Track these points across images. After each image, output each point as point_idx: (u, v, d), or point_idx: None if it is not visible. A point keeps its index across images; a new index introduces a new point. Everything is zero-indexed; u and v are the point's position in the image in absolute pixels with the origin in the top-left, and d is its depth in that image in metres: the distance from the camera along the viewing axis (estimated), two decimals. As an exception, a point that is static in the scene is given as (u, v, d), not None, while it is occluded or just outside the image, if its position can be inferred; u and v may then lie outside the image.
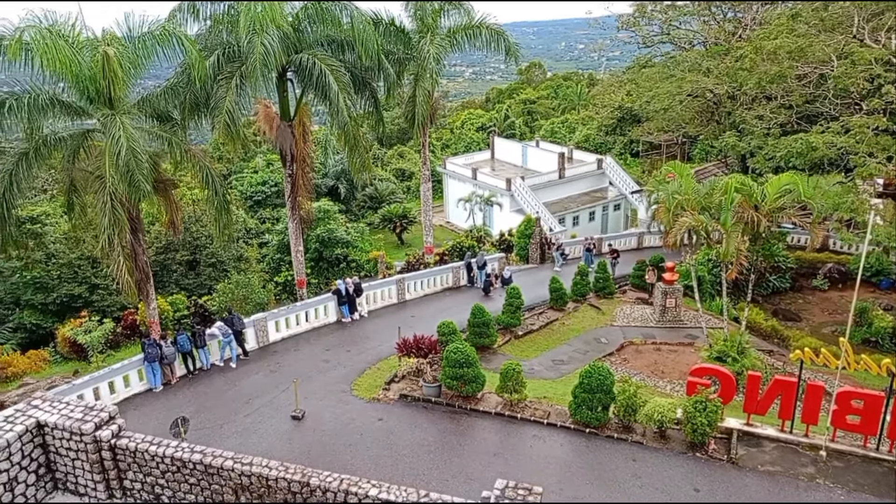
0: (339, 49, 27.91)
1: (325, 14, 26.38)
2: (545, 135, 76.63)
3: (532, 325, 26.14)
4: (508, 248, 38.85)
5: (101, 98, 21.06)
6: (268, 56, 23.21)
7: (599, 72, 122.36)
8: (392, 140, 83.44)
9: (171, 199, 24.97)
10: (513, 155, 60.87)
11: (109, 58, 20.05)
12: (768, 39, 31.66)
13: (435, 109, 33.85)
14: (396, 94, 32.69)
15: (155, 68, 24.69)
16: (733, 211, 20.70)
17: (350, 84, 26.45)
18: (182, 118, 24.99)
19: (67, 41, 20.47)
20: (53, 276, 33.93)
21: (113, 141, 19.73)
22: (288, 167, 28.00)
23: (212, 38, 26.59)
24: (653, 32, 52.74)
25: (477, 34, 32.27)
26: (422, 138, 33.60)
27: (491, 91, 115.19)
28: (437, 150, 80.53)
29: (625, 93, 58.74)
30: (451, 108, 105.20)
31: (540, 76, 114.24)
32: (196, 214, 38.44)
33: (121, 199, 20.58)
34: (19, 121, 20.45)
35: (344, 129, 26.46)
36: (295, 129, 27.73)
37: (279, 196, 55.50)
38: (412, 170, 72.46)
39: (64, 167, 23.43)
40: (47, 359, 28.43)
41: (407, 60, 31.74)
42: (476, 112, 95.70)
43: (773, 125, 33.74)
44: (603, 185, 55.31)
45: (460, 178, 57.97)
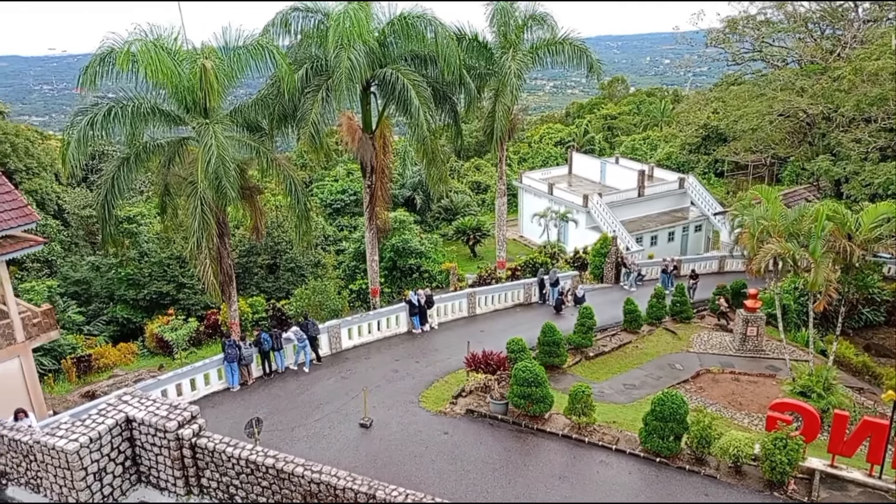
0: (421, 64, 28.39)
1: (411, 30, 26.87)
2: (625, 151, 75.19)
3: (604, 346, 25.64)
4: (583, 267, 38.30)
5: (197, 107, 22.23)
6: (353, 70, 23.88)
7: (685, 88, 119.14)
8: (469, 152, 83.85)
9: (255, 205, 26.01)
10: (591, 171, 60.03)
11: (207, 70, 21.13)
12: (869, 60, 30.09)
13: (514, 125, 33.87)
14: (476, 108, 32.94)
15: (247, 79, 25.87)
16: (824, 239, 19.71)
17: (431, 98, 26.86)
18: (270, 128, 26.05)
19: (170, 53, 21.69)
20: (145, 273, 35.91)
21: (205, 149, 20.75)
22: (367, 178, 28.64)
23: (301, 52, 27.61)
24: (743, 49, 51.04)
25: (560, 50, 32.16)
26: (499, 153, 33.67)
27: (571, 105, 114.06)
28: (514, 163, 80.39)
29: (711, 111, 56.97)
30: (529, 122, 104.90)
31: (622, 91, 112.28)
32: (278, 220, 39.83)
33: (209, 203, 21.58)
34: (123, 127, 21.82)
35: (423, 142, 26.91)
36: (376, 141, 28.35)
37: (357, 205, 56.76)
38: (488, 183, 72.60)
39: (160, 171, 24.84)
40: (136, 352, 30.07)
41: (488, 75, 31.97)
42: (555, 126, 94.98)
43: (871, 149, 31.96)
44: (684, 204, 53.73)
45: (536, 193, 57.63)
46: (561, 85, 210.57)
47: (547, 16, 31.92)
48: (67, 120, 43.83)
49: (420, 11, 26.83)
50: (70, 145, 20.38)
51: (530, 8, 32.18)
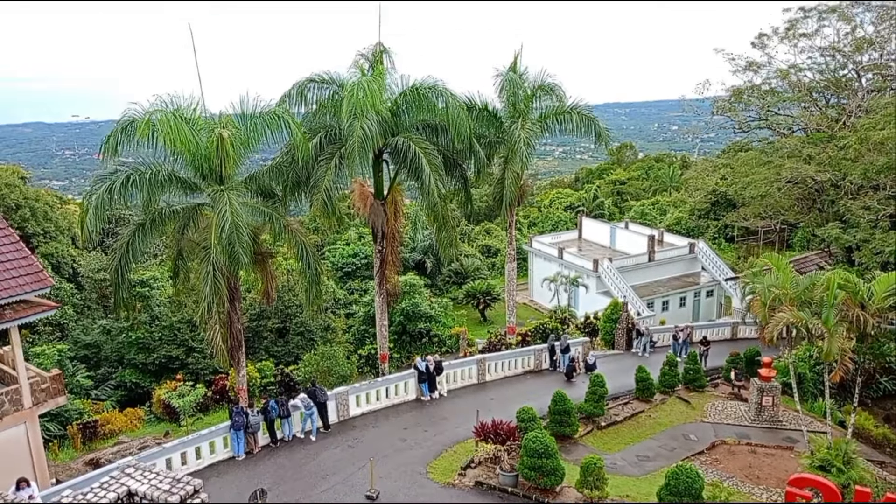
0: (433, 132, 29.01)
1: (423, 100, 27.59)
2: (635, 216, 75.63)
3: (616, 415, 25.15)
4: (593, 332, 37.98)
5: (212, 175, 22.72)
6: (366, 139, 24.44)
7: (693, 154, 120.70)
8: (479, 216, 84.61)
9: (267, 269, 26.23)
10: (601, 236, 60.26)
11: (224, 139, 21.71)
12: (875, 129, 30.48)
13: (524, 191, 34.26)
14: (486, 174, 33.42)
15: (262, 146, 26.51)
16: (836, 308, 19.52)
17: (441, 166, 27.34)
18: (284, 194, 26.52)
19: (188, 122, 22.34)
20: (155, 337, 35.96)
21: (219, 215, 21.10)
22: (378, 243, 28.90)
23: (316, 121, 28.35)
24: (749, 118, 51.91)
25: (568, 119, 32.80)
26: (509, 219, 33.97)
27: (580, 171, 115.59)
28: (524, 227, 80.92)
29: (719, 177, 57.52)
30: (539, 187, 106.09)
31: (631, 157, 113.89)
32: (289, 284, 40.02)
33: (222, 268, 21.77)
34: (140, 194, 22.29)
35: (434, 208, 27.25)
36: (387, 207, 28.73)
37: (368, 268, 57.01)
38: (498, 247, 72.92)
39: (174, 236, 25.20)
40: (142, 417, 29.80)
41: (497, 143, 32.58)
42: (565, 191, 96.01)
43: (881, 217, 31.97)
44: (695, 269, 53.58)
45: (546, 258, 57.77)
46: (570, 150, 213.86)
47: (555, 86, 32.71)
48: (87, 184, 44.45)
49: (432, 83, 27.60)
50: (89, 211, 20.80)
51: (539, 78, 33.02)
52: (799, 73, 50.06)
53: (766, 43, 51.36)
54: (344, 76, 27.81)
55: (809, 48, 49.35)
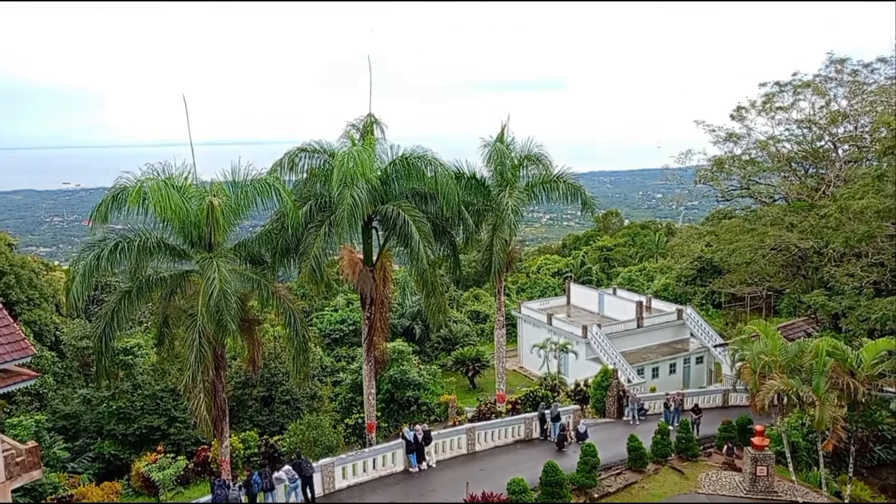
0: (422, 200, 29.36)
1: (412, 169, 28.06)
2: (622, 282, 76.05)
3: (609, 486, 24.59)
4: (584, 400, 37.53)
5: (202, 242, 22.72)
6: (356, 207, 24.69)
7: (677, 221, 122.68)
8: (468, 282, 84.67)
9: (254, 337, 25.92)
10: (589, 302, 60.39)
11: (214, 207, 21.84)
12: (854, 199, 31.24)
13: (512, 257, 34.52)
14: (475, 240, 33.70)
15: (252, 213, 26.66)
16: (826, 376, 19.52)
17: (430, 233, 27.55)
18: (273, 261, 26.51)
19: (179, 190, 22.51)
20: (137, 406, 35.08)
21: (208, 283, 20.99)
22: (367, 310, 28.78)
23: (306, 189, 28.65)
24: (732, 186, 53.11)
25: (555, 188, 33.42)
26: (498, 285, 34.08)
27: (568, 237, 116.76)
28: (513, 293, 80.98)
29: (704, 244, 58.32)
30: (527, 253, 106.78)
31: (617, 224, 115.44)
32: (276, 351, 39.48)
33: (208, 336, 21.52)
34: (128, 261, 22.22)
35: (423, 275, 27.31)
36: (376, 273, 28.76)
37: (356, 334, 56.50)
38: (487, 312, 72.71)
39: (160, 303, 24.96)
40: (120, 492, 28.70)
41: (486, 211, 32.99)
42: (552, 258, 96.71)
43: (865, 284, 32.37)
44: (684, 336, 53.56)
45: (535, 324, 57.62)
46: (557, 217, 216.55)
47: (542, 156, 33.46)
48: (74, 251, 43.64)
49: (421, 152, 28.15)
50: (75, 279, 20.66)
51: (525, 148, 33.80)
52: (777, 143, 51.61)
53: (744, 115, 53.16)
54: (335, 146, 28.34)
55: (786, 120, 51.11)
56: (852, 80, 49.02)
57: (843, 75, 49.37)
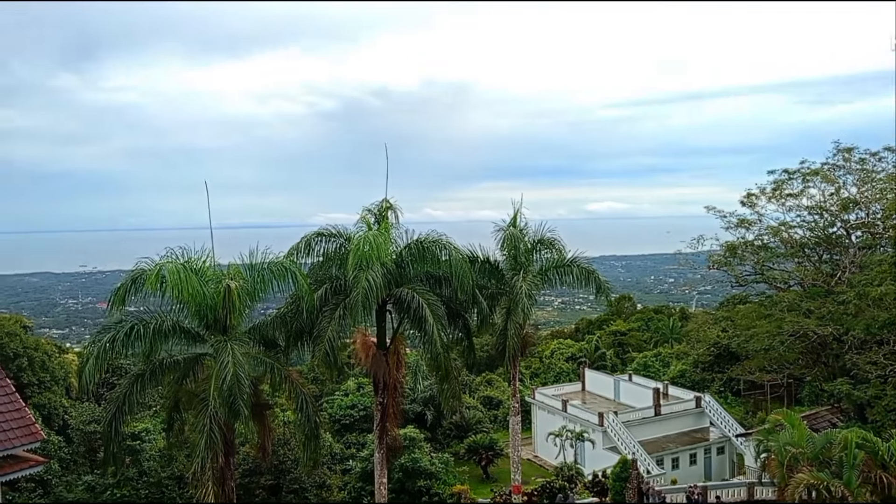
0: (436, 283, 29.44)
1: (427, 253, 28.29)
2: (637, 368, 74.71)
3: (632, 587, 23.25)
4: (602, 492, 36.08)
5: (217, 325, 22.72)
6: (371, 290, 24.75)
7: (691, 306, 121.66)
8: (481, 366, 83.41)
9: (265, 422, 25.48)
10: (604, 388, 59.16)
11: (231, 290, 21.97)
12: (872, 286, 30.98)
13: (526, 342, 34.20)
14: (489, 324, 33.50)
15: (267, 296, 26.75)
16: (857, 469, 18.75)
17: (445, 316, 27.45)
18: (287, 345, 26.41)
19: (197, 274, 22.72)
20: (142, 495, 34.18)
21: (221, 366, 20.83)
22: (380, 395, 28.31)
23: (322, 272, 28.85)
24: (745, 272, 52.92)
25: (568, 272, 33.50)
26: (512, 370, 33.63)
27: (581, 321, 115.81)
28: (526, 378, 79.60)
29: (720, 329, 57.58)
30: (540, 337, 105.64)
31: (630, 308, 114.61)
32: (285, 437, 38.66)
33: (219, 421, 21.15)
34: (143, 344, 22.17)
35: (437, 359, 26.99)
36: (390, 357, 28.48)
37: (367, 420, 55.34)
38: (500, 398, 71.27)
39: (172, 387, 24.71)
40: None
41: (499, 294, 32.98)
42: (566, 342, 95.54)
43: (889, 372, 31.58)
44: (703, 424, 51.98)
45: (550, 410, 56.30)
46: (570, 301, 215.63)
47: (555, 240, 33.76)
48: (86, 333, 43.61)
49: (436, 237, 28.50)
50: (89, 361, 20.59)
51: (538, 233, 34.17)
52: (790, 230, 51.78)
53: (755, 202, 53.64)
54: (351, 230, 28.77)
55: (797, 207, 51.49)
56: (860, 168, 49.68)
57: (851, 163, 50.11)
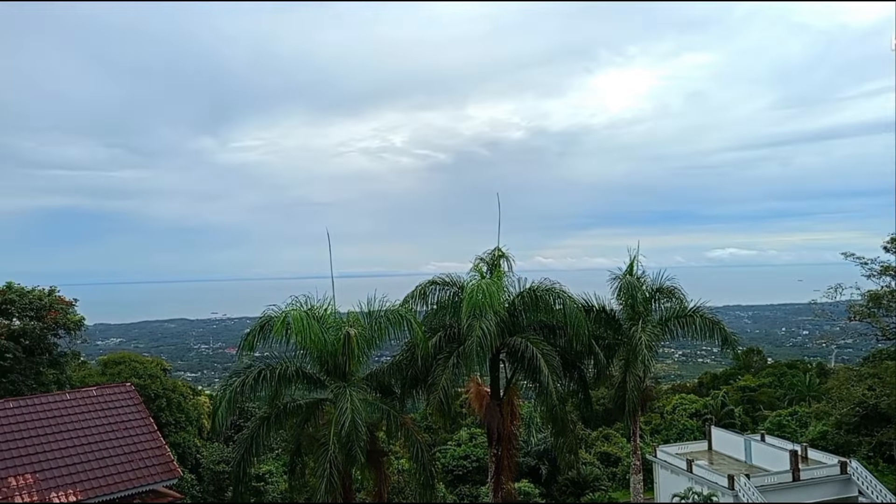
0: (550, 333, 29.04)
1: (540, 302, 28.07)
2: (770, 427, 69.07)
3: None
4: (735, 562, 33.23)
5: (337, 371, 23.54)
6: (485, 339, 24.79)
7: (829, 361, 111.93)
8: (598, 420, 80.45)
9: (381, 469, 25.77)
10: (733, 448, 55.02)
11: (350, 337, 22.76)
12: None
13: (647, 396, 32.76)
14: (605, 376, 32.44)
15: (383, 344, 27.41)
16: None
17: (560, 367, 26.94)
18: (402, 392, 26.83)
19: (319, 322, 23.78)
20: (264, 535, 35.30)
21: (340, 412, 21.47)
22: (494, 446, 27.95)
23: (436, 321, 29.26)
24: (893, 324, 48.12)
25: (690, 322, 31.93)
26: (632, 426, 32.18)
27: (704, 375, 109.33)
28: (646, 434, 75.74)
29: (866, 387, 52.32)
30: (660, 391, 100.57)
31: (759, 362, 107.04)
32: (399, 485, 38.84)
33: (338, 466, 21.64)
34: (269, 389, 23.33)
35: (552, 411, 26.42)
36: (504, 408, 28.17)
37: (480, 472, 54.56)
38: (619, 454, 68.10)
39: (294, 431, 25.70)
40: None
41: (616, 345, 31.91)
42: (689, 397, 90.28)
43: None
44: (850, 493, 46.94)
45: (673, 470, 52.98)
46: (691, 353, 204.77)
47: (675, 289, 32.41)
48: (216, 376, 46.13)
49: (549, 285, 28.29)
50: (221, 404, 21.87)
51: (657, 281, 32.97)
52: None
53: (900, 246, 48.97)
54: (464, 278, 29.11)
55: (953, 251, 46.46)
56: None
57: None
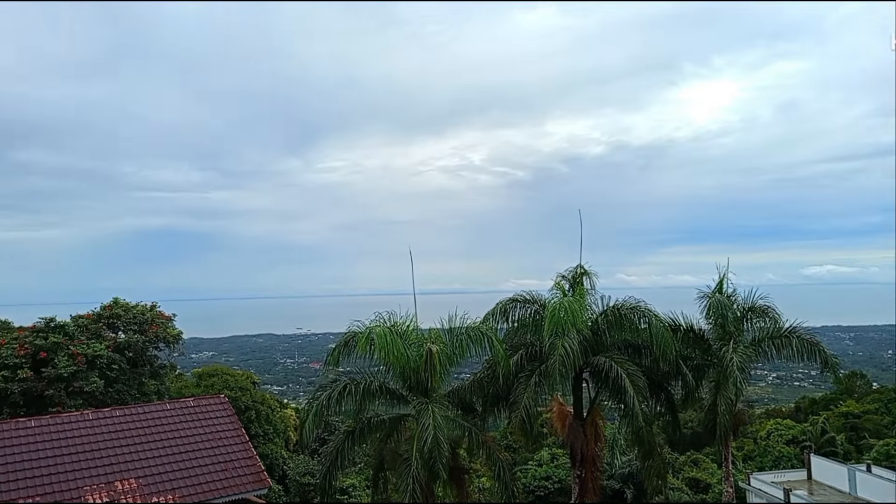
0: (635, 353, 28.31)
1: (624, 320, 27.44)
2: (878, 457, 64.26)
3: None
4: None
5: (419, 387, 23.79)
6: (567, 358, 24.44)
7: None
8: (685, 444, 77.39)
9: (463, 487, 25.74)
10: (836, 478, 51.45)
11: (432, 354, 22.98)
12: None
13: (739, 421, 31.30)
14: (694, 398, 31.26)
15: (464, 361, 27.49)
16: None
17: (646, 388, 26.19)
18: (483, 409, 26.79)
19: (401, 337, 24.16)
20: (347, 548, 35.86)
21: (422, 428, 21.66)
22: (577, 468, 27.41)
23: (517, 339, 29.08)
24: None
25: (786, 343, 30.29)
26: (724, 451, 30.80)
27: (801, 399, 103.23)
28: (738, 460, 72.15)
29: None
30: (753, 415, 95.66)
31: (863, 387, 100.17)
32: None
33: (421, 482, 21.79)
34: (353, 403, 23.84)
35: (638, 433, 25.69)
36: (587, 428, 27.62)
37: (562, 493, 53.49)
38: (708, 481, 65.12)
39: (377, 446, 26.12)
40: None
41: (706, 366, 30.69)
42: (785, 422, 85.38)
43: None
44: (972, 532, 42.98)
45: (768, 499, 50.11)
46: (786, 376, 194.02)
47: (769, 308, 30.89)
48: (301, 390, 47.37)
49: (633, 303, 27.61)
50: (308, 417, 22.53)
51: (749, 300, 31.57)
52: None
53: None
54: (545, 296, 28.84)
55: None
56: None
57: None
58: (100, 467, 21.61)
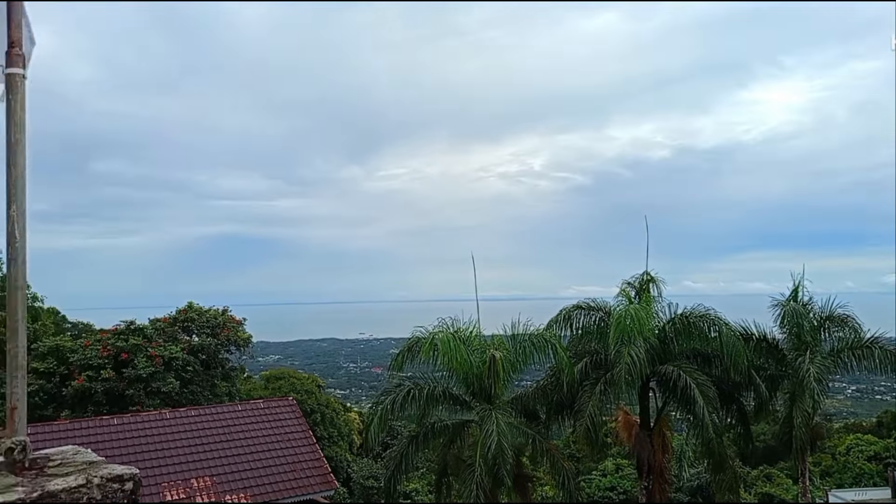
0: (704, 362, 27.52)
1: (692, 328, 26.76)
2: (970, 477, 60.31)
3: None
4: None
5: (482, 393, 23.79)
6: (634, 366, 23.95)
7: None
8: (758, 458, 74.48)
9: (527, 494, 25.58)
10: (923, 498, 48.65)
11: (496, 360, 22.96)
12: None
13: (816, 435, 29.94)
14: (767, 410, 30.12)
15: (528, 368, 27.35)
16: None
17: (716, 398, 25.42)
18: (547, 417, 26.56)
19: (465, 344, 24.25)
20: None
21: (486, 434, 21.65)
22: (644, 479, 26.80)
23: (581, 346, 28.72)
24: None
25: (868, 354, 28.81)
26: (800, 465, 29.51)
27: (884, 413, 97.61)
28: (815, 476, 68.91)
29: None
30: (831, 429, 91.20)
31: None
32: (544, 513, 38.22)
33: (485, 490, 21.79)
34: (417, 408, 24.07)
35: (708, 445, 24.96)
36: (654, 439, 27.00)
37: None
38: (783, 496, 62.48)
39: (440, 451, 26.25)
40: None
41: (780, 377, 29.52)
42: (866, 437, 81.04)
43: None
44: None
45: (849, 518, 47.76)
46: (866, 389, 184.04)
47: (848, 317, 29.46)
48: (363, 394, 48.09)
49: (702, 311, 26.91)
50: (374, 421, 22.87)
51: (826, 308, 30.22)
52: None
53: None
54: (610, 303, 28.37)
55: None
56: None
57: None
58: (176, 464, 22.58)
